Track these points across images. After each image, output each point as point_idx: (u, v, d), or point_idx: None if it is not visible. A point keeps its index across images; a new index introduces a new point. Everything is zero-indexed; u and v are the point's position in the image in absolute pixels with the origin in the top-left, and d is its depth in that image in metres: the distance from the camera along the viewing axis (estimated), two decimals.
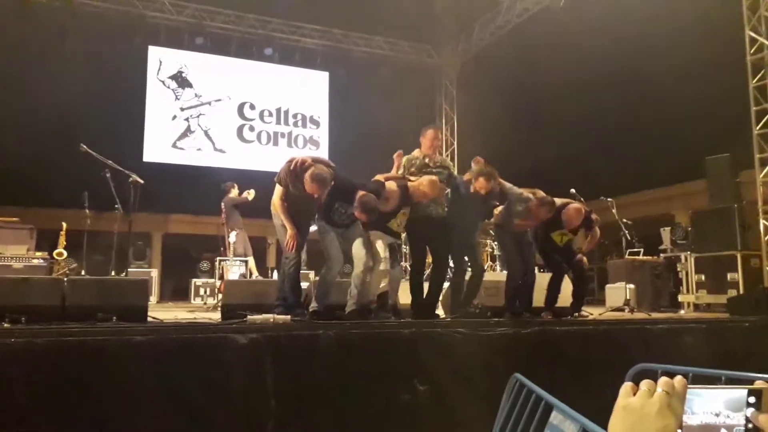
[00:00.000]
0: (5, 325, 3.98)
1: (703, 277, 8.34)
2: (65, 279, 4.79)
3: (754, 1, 8.53)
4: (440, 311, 6.11)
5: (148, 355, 3.57)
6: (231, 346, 3.81)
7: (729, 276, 7.96)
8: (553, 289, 6.17)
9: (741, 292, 7.69)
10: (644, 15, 10.42)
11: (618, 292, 8.26)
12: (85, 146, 6.03)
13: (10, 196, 11.41)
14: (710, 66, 10.14)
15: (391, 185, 5.23)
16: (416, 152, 5.74)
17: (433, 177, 5.38)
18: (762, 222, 8.34)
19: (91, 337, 3.57)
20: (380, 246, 5.22)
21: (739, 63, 8.66)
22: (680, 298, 8.60)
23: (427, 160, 5.67)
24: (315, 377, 3.99)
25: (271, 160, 12.36)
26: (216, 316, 6.15)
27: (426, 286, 5.62)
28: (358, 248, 5.16)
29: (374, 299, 5.30)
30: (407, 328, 4.46)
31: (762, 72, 8.43)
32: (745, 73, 8.58)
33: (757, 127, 8.50)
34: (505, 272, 9.20)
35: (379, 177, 5.37)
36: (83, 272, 8.03)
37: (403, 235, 5.87)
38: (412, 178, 5.47)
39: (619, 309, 7.64)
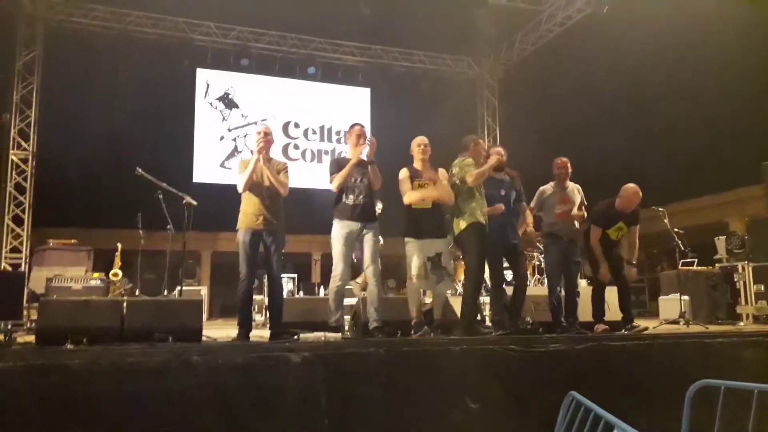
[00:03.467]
0: (68, 346, 4.13)
1: (762, 288, 8.01)
2: (124, 300, 4.95)
3: None
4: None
5: (205, 374, 3.65)
6: (284, 365, 3.87)
7: None
8: (598, 300, 6.02)
9: None
10: (692, 20, 10.17)
11: (672, 304, 8.01)
12: (140, 170, 6.23)
13: (68, 217, 11.92)
14: (764, 69, 9.81)
15: None
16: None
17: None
18: None
19: (151, 358, 3.68)
20: (415, 260, 5.15)
21: None
22: (738, 309, 8.26)
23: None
24: (367, 395, 4.01)
25: (316, 177, 12.54)
26: (265, 333, 6.23)
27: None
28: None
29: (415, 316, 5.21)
30: (458, 345, 4.43)
31: None
32: None
33: None
34: None
35: None
36: (137, 292, 8.28)
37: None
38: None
39: (674, 322, 7.41)
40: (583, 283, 9.68)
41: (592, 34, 12.04)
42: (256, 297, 10.51)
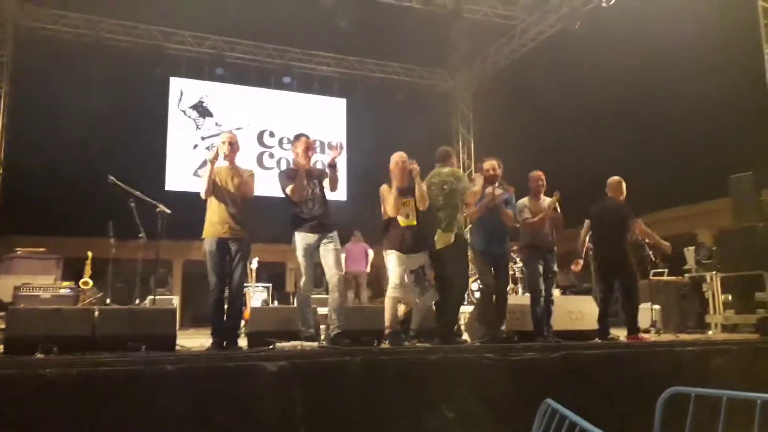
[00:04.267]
0: (39, 355, 4.04)
1: (730, 297, 8.20)
2: (96, 309, 4.86)
3: None
4: (466, 336, 6.09)
5: (180, 383, 3.60)
6: (260, 374, 3.84)
7: (757, 296, 7.81)
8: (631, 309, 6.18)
9: None
10: (662, 36, 10.47)
11: (643, 314, 8.13)
12: (113, 178, 6.15)
13: (37, 225, 11.66)
14: (731, 84, 10.12)
15: None
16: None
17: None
18: None
19: (124, 367, 3.61)
20: (396, 270, 5.16)
21: (761, 82, 8.61)
22: (707, 318, 8.44)
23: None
24: (343, 404, 3.99)
25: None
26: (241, 343, 6.17)
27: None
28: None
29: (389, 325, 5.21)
30: (435, 354, 4.44)
31: None
32: (766, 91, 8.53)
33: None
34: (527, 295, 9.20)
35: None
36: (108, 301, 8.12)
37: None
38: None
39: (646, 331, 7.53)
40: (556, 293, 9.82)
41: (564, 48, 12.29)
42: None
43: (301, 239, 5.14)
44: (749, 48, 8.88)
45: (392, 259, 5.23)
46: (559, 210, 6.13)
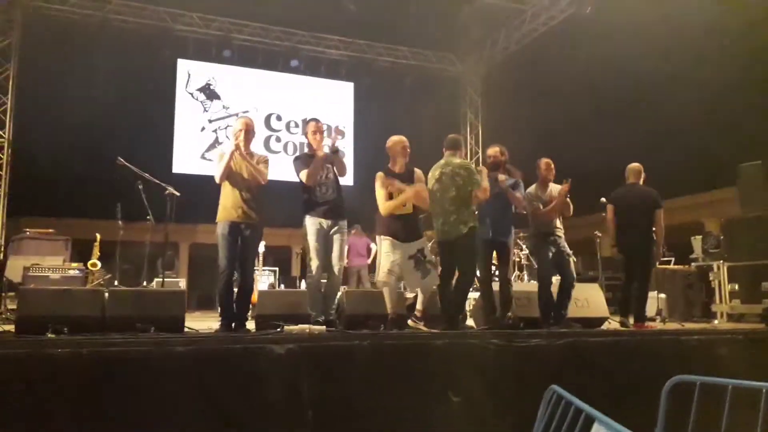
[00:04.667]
0: (49, 335, 4.09)
1: (736, 287, 8.19)
2: (106, 290, 4.90)
3: None
4: (471, 322, 6.12)
5: (189, 365, 3.64)
6: (268, 357, 3.86)
7: (763, 285, 7.80)
8: (642, 297, 6.20)
9: None
10: (674, 22, 10.34)
11: (649, 302, 8.13)
12: (122, 159, 6.17)
13: (45, 207, 11.73)
14: (740, 71, 10.02)
15: None
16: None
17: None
18: None
19: (134, 348, 3.65)
20: (387, 258, 5.14)
21: None
22: (714, 308, 8.45)
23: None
24: (350, 388, 4.03)
25: None
26: (249, 326, 6.23)
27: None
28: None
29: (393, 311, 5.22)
30: (441, 339, 4.47)
31: None
32: None
33: None
34: (534, 282, 9.22)
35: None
36: (116, 282, 8.20)
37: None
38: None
39: (651, 319, 7.55)
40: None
41: (575, 34, 12.17)
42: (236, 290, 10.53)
43: (314, 223, 5.15)
44: (762, 36, 8.78)
45: (385, 245, 5.20)
46: (568, 197, 6.11)
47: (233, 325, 5.00)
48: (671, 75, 11.50)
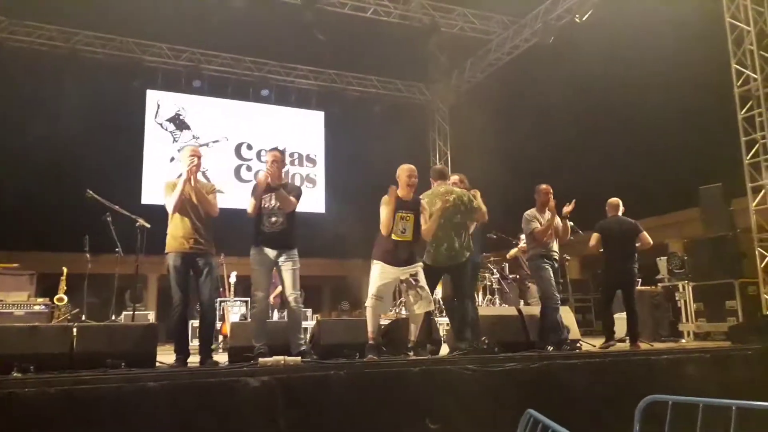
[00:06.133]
0: (15, 374, 3.96)
1: (702, 306, 8.40)
2: (74, 326, 4.79)
3: (738, 36, 8.82)
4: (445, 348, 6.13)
5: (163, 400, 3.57)
6: (243, 389, 3.82)
7: (728, 304, 8.02)
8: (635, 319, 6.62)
9: (740, 319, 7.74)
10: (633, 51, 10.73)
11: (618, 323, 8.27)
12: (91, 192, 6.09)
13: (9, 240, 11.41)
14: (701, 97, 10.41)
15: None
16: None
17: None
18: (758, 250, 8.45)
19: (105, 384, 3.58)
20: (378, 281, 5.14)
21: (728, 95, 8.89)
22: (680, 327, 8.63)
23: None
24: (327, 417, 4.00)
25: None
26: (217, 358, 6.12)
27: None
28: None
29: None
30: (417, 366, 4.47)
31: (749, 103, 8.66)
32: (734, 104, 8.80)
33: (748, 157, 8.69)
34: (505, 306, 9.31)
35: None
36: (83, 317, 8.00)
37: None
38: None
39: (621, 340, 7.65)
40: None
41: (539, 62, 12.52)
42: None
43: (258, 253, 5.06)
44: (718, 62, 9.16)
45: (376, 269, 5.18)
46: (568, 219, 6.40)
47: (199, 359, 4.88)
48: (635, 101, 11.89)
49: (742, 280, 8.11)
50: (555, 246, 6.43)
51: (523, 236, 8.17)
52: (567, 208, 6.31)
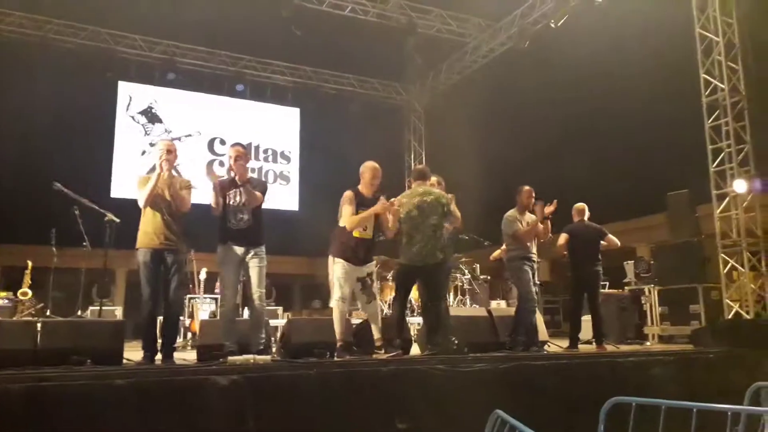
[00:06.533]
0: None
1: (666, 310, 8.59)
2: (38, 321, 4.69)
3: (707, 47, 9.03)
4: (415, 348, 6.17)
5: (129, 399, 3.52)
6: (212, 388, 3.79)
7: (691, 308, 8.22)
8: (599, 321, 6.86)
9: (703, 323, 7.94)
10: (605, 57, 10.91)
11: (585, 325, 8.42)
12: (59, 184, 5.97)
13: None
14: (668, 104, 10.64)
15: None
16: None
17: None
18: (721, 255, 8.67)
19: (70, 382, 3.51)
20: (342, 282, 5.18)
21: (697, 104, 9.10)
22: (646, 330, 8.81)
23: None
24: (296, 417, 3.98)
25: None
26: (185, 355, 6.07)
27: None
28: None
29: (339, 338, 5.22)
30: (386, 366, 4.49)
31: (716, 113, 8.87)
32: (702, 113, 9.01)
33: (714, 165, 8.91)
34: (476, 306, 9.39)
35: None
36: (48, 312, 7.84)
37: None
38: None
39: (588, 342, 7.79)
40: (503, 304, 10.07)
41: (514, 66, 12.65)
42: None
43: (226, 251, 5.00)
44: (687, 71, 9.37)
45: (338, 269, 5.22)
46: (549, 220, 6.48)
47: (160, 356, 4.83)
48: (606, 107, 12.09)
49: (705, 285, 8.32)
50: (534, 248, 6.51)
51: None
52: (549, 209, 6.36)
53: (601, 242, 6.92)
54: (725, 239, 8.76)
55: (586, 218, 7.04)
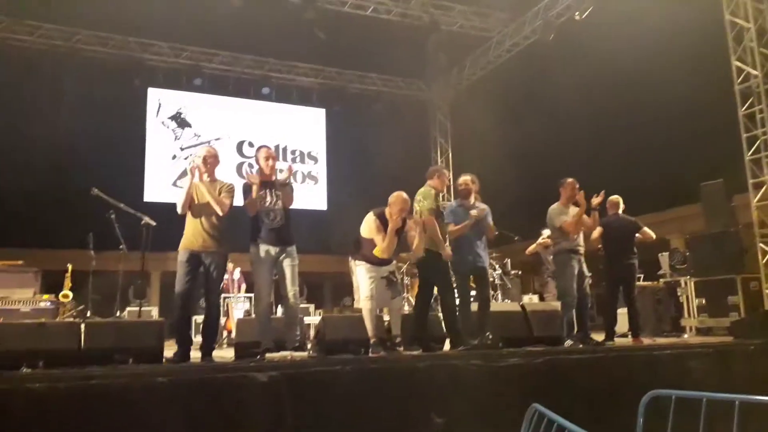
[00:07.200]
0: (25, 370, 4.00)
1: (703, 301, 8.42)
2: (82, 322, 4.83)
3: (738, 33, 8.84)
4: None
5: (171, 396, 3.60)
6: (251, 385, 3.85)
7: (729, 299, 8.04)
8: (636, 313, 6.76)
9: (742, 314, 7.77)
10: (634, 46, 10.74)
11: (620, 318, 8.32)
12: (97, 190, 6.12)
13: (14, 238, 11.44)
14: (701, 93, 10.43)
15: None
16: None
17: None
18: (760, 245, 8.48)
19: (114, 380, 3.61)
20: (367, 281, 5.29)
21: (729, 91, 8.92)
22: (683, 322, 8.66)
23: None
24: (333, 413, 4.02)
25: None
26: (223, 353, 6.20)
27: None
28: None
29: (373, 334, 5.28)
30: (423, 362, 4.51)
31: (750, 100, 8.68)
32: (735, 101, 8.82)
33: (749, 153, 8.72)
34: (508, 301, 9.34)
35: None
36: (89, 313, 8.04)
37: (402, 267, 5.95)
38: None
39: (623, 335, 7.69)
40: (535, 299, 9.99)
41: (539, 59, 12.54)
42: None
43: (261, 251, 5.05)
44: (718, 58, 9.18)
45: (362, 271, 5.38)
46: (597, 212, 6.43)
47: (201, 354, 4.93)
48: (636, 98, 11.92)
49: (743, 275, 8.13)
50: (581, 240, 6.43)
51: (545, 231, 8.14)
52: (596, 200, 6.30)
53: (636, 235, 6.78)
54: (763, 228, 8.56)
55: (620, 211, 6.92)
